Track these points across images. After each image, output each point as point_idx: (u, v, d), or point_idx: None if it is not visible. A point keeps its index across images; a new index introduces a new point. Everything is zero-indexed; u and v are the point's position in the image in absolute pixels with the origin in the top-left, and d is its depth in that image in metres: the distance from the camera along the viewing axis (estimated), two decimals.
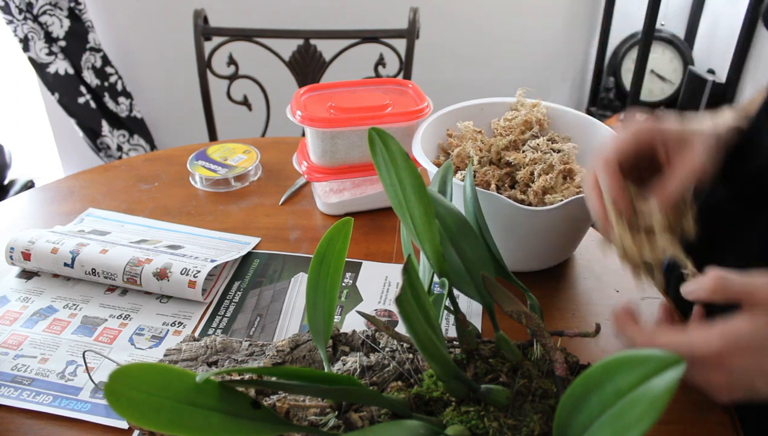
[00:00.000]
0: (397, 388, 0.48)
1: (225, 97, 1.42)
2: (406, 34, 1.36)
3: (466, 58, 1.92)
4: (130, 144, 1.89)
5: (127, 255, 0.71)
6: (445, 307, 0.54)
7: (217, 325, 0.68)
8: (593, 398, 0.33)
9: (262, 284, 0.74)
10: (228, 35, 1.39)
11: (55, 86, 1.73)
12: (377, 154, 0.49)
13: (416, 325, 0.39)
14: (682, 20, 1.86)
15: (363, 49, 1.38)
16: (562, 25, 1.89)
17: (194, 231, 0.83)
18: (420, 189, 0.48)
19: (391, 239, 0.82)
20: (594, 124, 0.77)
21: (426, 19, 1.68)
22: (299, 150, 0.89)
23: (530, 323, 0.49)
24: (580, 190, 0.69)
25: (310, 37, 1.39)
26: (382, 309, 0.70)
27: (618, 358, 0.32)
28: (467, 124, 0.79)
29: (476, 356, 0.50)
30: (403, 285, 0.39)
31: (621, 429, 0.31)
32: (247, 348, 0.58)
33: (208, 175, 0.93)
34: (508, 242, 0.68)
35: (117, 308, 0.70)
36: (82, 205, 0.89)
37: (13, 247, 0.73)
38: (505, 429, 0.44)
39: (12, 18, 1.62)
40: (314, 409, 0.47)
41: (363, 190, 0.87)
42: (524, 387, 0.47)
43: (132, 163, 1.01)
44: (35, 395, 0.59)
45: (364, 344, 0.55)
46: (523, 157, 0.72)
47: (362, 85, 0.90)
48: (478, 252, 0.53)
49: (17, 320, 0.68)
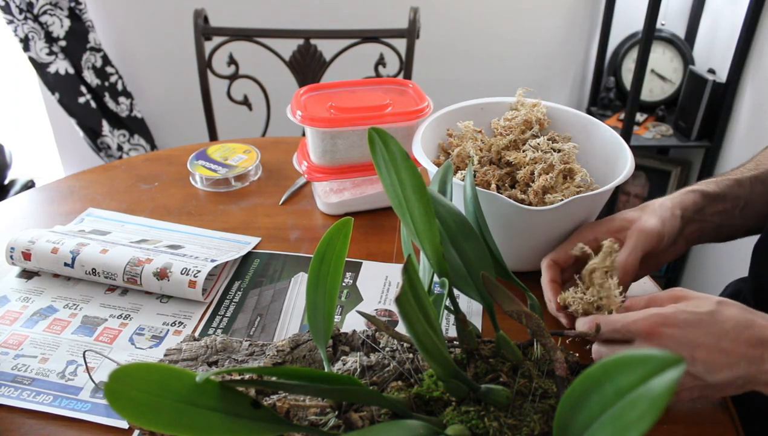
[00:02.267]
0: (397, 388, 0.48)
1: (225, 97, 1.42)
2: (406, 33, 1.36)
3: (467, 57, 1.92)
4: (130, 144, 1.89)
5: (128, 255, 0.71)
6: (445, 307, 0.54)
7: (217, 325, 0.68)
8: (593, 398, 0.33)
9: (262, 284, 0.74)
10: (228, 35, 1.39)
11: (56, 86, 1.73)
12: (377, 154, 0.49)
13: (416, 325, 0.39)
14: (683, 20, 1.86)
15: (363, 49, 1.38)
16: (562, 25, 1.89)
17: (194, 231, 0.83)
18: (420, 189, 0.48)
19: (391, 239, 0.82)
20: (594, 124, 0.77)
21: (426, 19, 1.68)
22: (299, 150, 0.89)
23: (530, 323, 0.49)
24: (581, 189, 0.69)
25: (311, 36, 1.39)
26: (382, 309, 0.70)
27: (618, 358, 0.32)
28: (467, 123, 0.78)
29: (476, 356, 0.50)
30: (403, 285, 0.39)
31: (621, 429, 0.31)
32: (247, 348, 0.58)
33: (208, 175, 0.93)
34: (508, 241, 0.68)
35: (117, 308, 0.70)
36: (82, 205, 0.89)
37: (13, 247, 0.74)
38: (505, 429, 0.44)
39: (12, 18, 1.62)
40: (314, 409, 0.47)
41: (363, 190, 0.87)
42: (524, 387, 0.47)
43: (132, 163, 1.01)
44: (35, 394, 0.59)
45: (364, 344, 0.55)
46: (523, 157, 0.72)
47: (362, 85, 0.90)
48: (478, 252, 0.53)
49: (17, 320, 0.68)
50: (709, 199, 0.66)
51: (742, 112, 1.66)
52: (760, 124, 1.57)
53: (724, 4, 1.75)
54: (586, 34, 1.93)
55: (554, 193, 0.68)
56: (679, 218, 0.64)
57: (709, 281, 1.81)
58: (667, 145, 1.81)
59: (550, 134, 0.78)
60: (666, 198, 0.66)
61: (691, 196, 0.66)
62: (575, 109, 0.80)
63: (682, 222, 0.64)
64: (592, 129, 0.77)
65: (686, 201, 0.65)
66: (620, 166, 0.70)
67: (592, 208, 0.69)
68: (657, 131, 1.81)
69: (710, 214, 0.66)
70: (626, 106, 1.70)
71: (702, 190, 0.66)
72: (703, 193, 0.66)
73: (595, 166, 0.76)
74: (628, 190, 2.03)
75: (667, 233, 0.63)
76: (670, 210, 0.64)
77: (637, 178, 2.00)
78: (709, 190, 0.66)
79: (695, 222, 0.66)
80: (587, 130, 0.78)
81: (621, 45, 1.89)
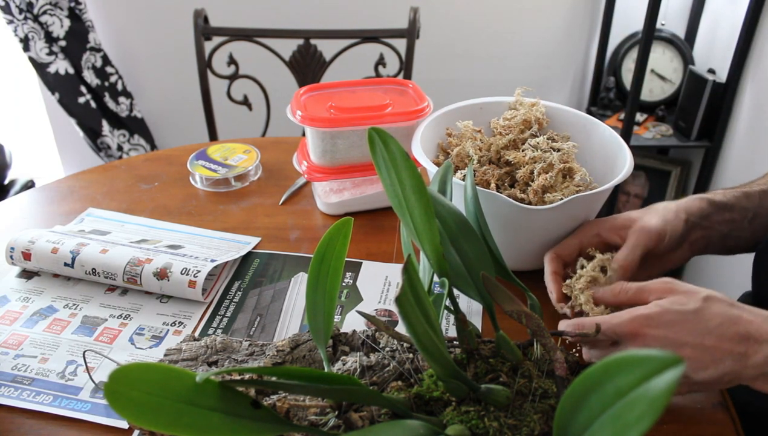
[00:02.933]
0: (397, 388, 0.48)
1: (225, 97, 1.42)
2: (406, 33, 1.36)
3: (466, 57, 1.92)
4: (130, 144, 1.89)
5: (128, 255, 0.71)
6: (445, 307, 0.54)
7: (217, 325, 0.68)
8: (593, 398, 0.33)
9: (262, 284, 0.74)
10: (228, 35, 1.39)
11: (56, 86, 1.73)
12: (377, 154, 0.49)
13: (416, 325, 0.39)
14: (683, 20, 1.86)
15: (363, 49, 1.38)
16: (562, 25, 1.89)
17: (194, 231, 0.83)
18: (420, 189, 0.48)
19: (391, 239, 0.82)
20: (592, 123, 0.77)
21: (426, 19, 1.68)
22: (299, 150, 0.89)
23: (530, 323, 0.49)
24: (580, 188, 0.69)
25: (310, 36, 1.39)
26: (382, 309, 0.70)
27: (618, 358, 0.32)
28: (467, 123, 0.79)
29: (476, 356, 0.50)
30: (403, 285, 0.39)
31: (621, 429, 0.31)
32: (247, 348, 0.58)
33: (208, 175, 0.93)
34: (508, 241, 0.68)
35: (117, 308, 0.70)
36: (82, 205, 0.89)
37: (13, 247, 0.74)
38: (505, 429, 0.44)
39: (12, 18, 1.62)
40: (314, 409, 0.47)
41: (363, 190, 0.87)
42: (524, 387, 0.47)
43: (132, 163, 1.01)
44: (35, 394, 0.59)
45: (364, 344, 0.55)
46: (523, 156, 0.72)
47: (362, 85, 0.90)
48: (478, 252, 0.53)
49: (17, 320, 0.68)
50: (715, 207, 0.65)
51: (742, 112, 1.66)
52: (760, 124, 1.57)
53: (724, 4, 1.75)
54: (586, 34, 1.93)
55: (554, 192, 0.68)
56: (683, 220, 0.63)
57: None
58: (667, 145, 1.81)
59: (550, 133, 0.78)
60: (671, 201, 0.66)
61: (697, 202, 0.65)
62: (574, 109, 0.80)
63: (687, 226, 0.64)
64: (591, 128, 0.77)
65: (692, 206, 0.65)
66: (619, 166, 0.70)
67: (591, 207, 0.69)
68: (657, 131, 1.81)
69: (717, 223, 0.65)
70: (626, 106, 1.70)
71: (709, 198, 0.66)
72: (710, 201, 0.65)
73: (595, 166, 0.76)
74: (628, 190, 2.03)
75: (669, 232, 0.62)
76: (675, 212, 0.64)
77: (637, 178, 2.00)
78: (715, 199, 0.66)
79: (701, 228, 0.65)
80: (586, 130, 0.78)
81: (621, 45, 1.89)
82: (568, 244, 0.65)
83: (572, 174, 0.71)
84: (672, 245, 0.64)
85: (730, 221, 0.66)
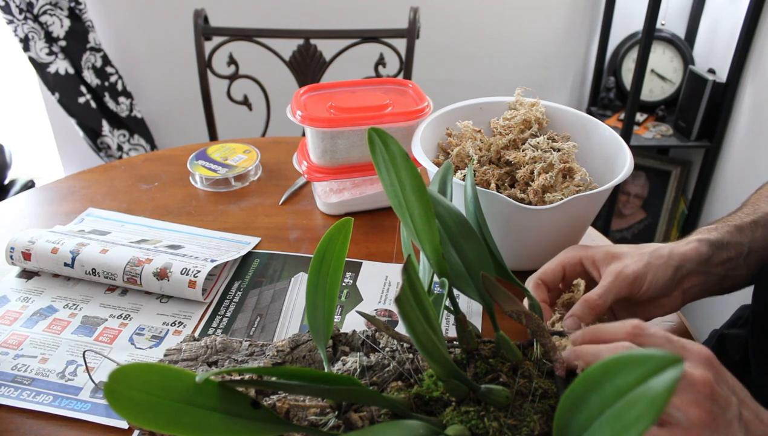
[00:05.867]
0: (397, 388, 0.48)
1: (225, 97, 1.42)
2: (406, 33, 1.36)
3: (466, 57, 1.92)
4: (130, 144, 1.89)
5: (127, 255, 0.71)
6: (445, 307, 0.54)
7: (217, 325, 0.68)
8: (593, 398, 0.33)
9: (262, 284, 0.74)
10: (228, 35, 1.39)
11: (56, 86, 1.73)
12: (377, 154, 0.49)
13: (416, 325, 0.39)
14: (683, 20, 1.86)
15: (363, 49, 1.38)
16: (562, 25, 1.89)
17: (194, 231, 0.83)
18: (420, 189, 0.48)
19: (391, 239, 0.82)
20: (592, 123, 0.78)
21: (426, 19, 1.68)
22: (299, 150, 0.89)
23: (530, 323, 0.49)
24: (580, 188, 0.69)
25: (310, 37, 1.39)
26: (382, 309, 0.70)
27: (618, 358, 0.32)
28: (466, 123, 0.79)
29: (476, 356, 0.50)
30: (403, 285, 0.39)
31: (621, 429, 0.31)
32: (247, 348, 0.58)
33: (208, 175, 0.93)
34: (508, 241, 0.68)
35: (117, 308, 0.70)
36: (82, 205, 0.89)
37: (13, 247, 0.74)
38: (505, 429, 0.44)
39: (12, 18, 1.62)
40: (314, 409, 0.47)
41: (363, 190, 0.87)
42: (524, 387, 0.47)
43: (132, 163, 1.01)
44: (35, 394, 0.59)
45: (364, 344, 0.55)
46: (523, 156, 0.72)
47: (362, 85, 0.90)
48: (478, 252, 0.53)
49: (17, 320, 0.68)
50: (714, 247, 0.62)
51: (742, 112, 1.66)
52: (760, 124, 1.57)
53: (724, 4, 1.75)
54: (586, 34, 1.93)
55: (554, 192, 0.68)
56: (672, 268, 0.60)
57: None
58: (667, 145, 1.81)
59: (550, 133, 0.78)
60: (668, 245, 0.62)
61: (694, 246, 0.61)
62: (574, 109, 0.80)
63: (678, 273, 0.60)
64: (591, 128, 0.77)
65: (689, 252, 0.61)
66: (619, 166, 0.70)
67: (591, 207, 0.69)
68: (657, 131, 1.81)
69: (714, 265, 0.62)
70: (626, 106, 1.70)
71: (706, 239, 0.62)
72: (708, 242, 0.62)
73: (595, 166, 0.76)
74: (628, 190, 2.03)
75: (649, 279, 0.59)
76: (665, 258, 0.60)
77: (637, 178, 2.00)
78: (711, 238, 0.62)
79: (698, 275, 0.61)
80: (586, 130, 0.78)
81: (621, 45, 1.89)
82: (551, 269, 0.63)
83: (572, 174, 0.71)
84: (655, 292, 0.60)
85: (727, 260, 0.62)
